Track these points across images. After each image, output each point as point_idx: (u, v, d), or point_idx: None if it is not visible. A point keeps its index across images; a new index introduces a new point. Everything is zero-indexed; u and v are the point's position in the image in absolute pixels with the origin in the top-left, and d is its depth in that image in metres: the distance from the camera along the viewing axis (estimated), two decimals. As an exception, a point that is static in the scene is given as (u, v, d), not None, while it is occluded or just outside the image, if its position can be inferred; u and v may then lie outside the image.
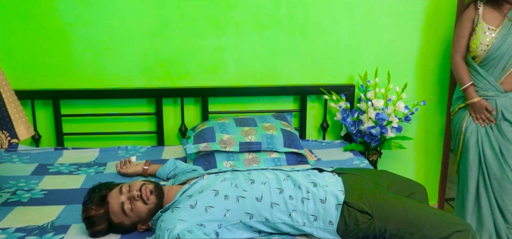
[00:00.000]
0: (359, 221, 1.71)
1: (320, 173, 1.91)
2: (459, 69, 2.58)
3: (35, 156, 2.66)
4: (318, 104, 3.02)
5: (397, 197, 1.81)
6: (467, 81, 2.55)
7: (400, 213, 1.71)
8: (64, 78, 2.81)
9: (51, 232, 1.80)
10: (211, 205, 1.71)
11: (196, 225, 1.64)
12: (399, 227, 1.70)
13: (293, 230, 1.74)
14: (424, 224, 1.69)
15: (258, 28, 2.86)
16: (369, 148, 2.90)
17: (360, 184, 1.85)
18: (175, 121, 2.94)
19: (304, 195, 1.75)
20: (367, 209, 1.72)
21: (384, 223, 1.71)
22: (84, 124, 2.89)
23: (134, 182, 1.84)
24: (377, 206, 1.73)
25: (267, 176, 1.81)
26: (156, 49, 2.82)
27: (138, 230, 1.80)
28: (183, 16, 2.79)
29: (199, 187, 1.79)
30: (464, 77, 2.57)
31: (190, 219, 1.65)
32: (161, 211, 1.78)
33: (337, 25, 2.91)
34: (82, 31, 2.75)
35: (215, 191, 1.74)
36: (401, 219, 1.70)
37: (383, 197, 1.78)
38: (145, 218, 1.78)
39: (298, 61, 2.93)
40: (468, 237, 1.66)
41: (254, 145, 2.50)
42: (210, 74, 2.89)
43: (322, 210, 1.72)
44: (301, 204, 1.73)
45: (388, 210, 1.72)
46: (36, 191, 2.20)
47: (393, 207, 1.73)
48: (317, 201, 1.73)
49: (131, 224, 1.77)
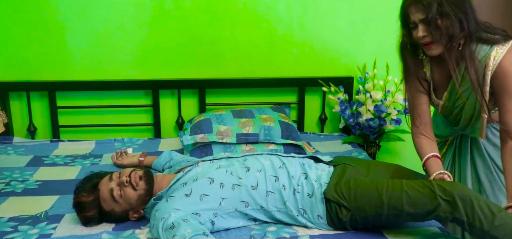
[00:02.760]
0: (340, 214, 1.66)
1: (316, 163, 1.85)
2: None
3: (30, 148, 2.64)
4: (317, 97, 3.00)
5: (372, 181, 1.68)
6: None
7: (373, 198, 1.61)
8: (60, 70, 2.79)
9: (44, 221, 1.78)
10: (206, 193, 1.68)
11: (191, 214, 1.61)
12: (380, 213, 1.60)
13: (288, 219, 1.72)
14: (402, 202, 1.56)
15: (256, 20, 2.83)
16: (368, 140, 2.88)
17: (342, 175, 1.75)
18: (172, 113, 2.91)
19: (295, 187, 1.72)
20: (343, 201, 1.65)
21: (363, 213, 1.62)
22: (80, 116, 2.87)
23: (124, 170, 1.83)
24: (350, 197, 1.64)
25: (262, 163, 1.79)
26: (152, 41, 2.80)
27: (130, 218, 1.77)
28: (180, 7, 2.76)
29: (193, 174, 1.76)
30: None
31: (185, 208, 1.62)
32: (154, 199, 1.75)
33: (335, 16, 2.88)
34: (78, 22, 2.73)
35: (210, 179, 1.71)
36: (377, 204, 1.60)
37: (357, 185, 1.67)
38: (136, 205, 1.76)
39: (297, 53, 2.91)
40: (456, 207, 1.49)
41: (251, 136, 2.48)
42: (207, 66, 2.87)
43: (309, 204, 1.69)
44: (293, 195, 1.71)
45: (361, 197, 1.63)
46: (31, 181, 2.17)
47: (367, 194, 1.62)
48: (305, 195, 1.70)
49: (122, 211, 1.75)
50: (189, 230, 1.49)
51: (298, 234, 1.66)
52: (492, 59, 1.58)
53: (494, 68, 1.58)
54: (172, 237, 1.51)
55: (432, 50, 1.62)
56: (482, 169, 1.82)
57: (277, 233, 1.66)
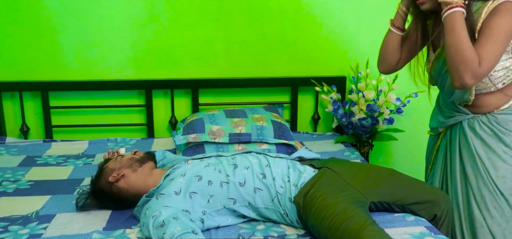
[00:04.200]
0: (301, 222, 1.67)
1: (302, 165, 1.83)
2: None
3: (23, 148, 2.64)
4: (310, 96, 3.00)
5: (334, 207, 1.57)
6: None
7: (322, 227, 1.56)
8: (53, 70, 2.78)
9: (35, 221, 1.78)
10: (195, 191, 1.69)
11: (182, 211, 1.61)
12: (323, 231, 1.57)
13: (276, 217, 1.72)
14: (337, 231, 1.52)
15: (249, 19, 2.83)
16: (361, 140, 2.89)
17: (316, 183, 1.69)
18: (165, 113, 2.92)
19: (278, 190, 1.71)
20: (302, 213, 1.64)
21: (314, 231, 1.62)
22: (73, 116, 2.87)
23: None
24: (309, 212, 1.61)
25: (250, 160, 1.79)
26: (145, 41, 2.80)
27: (109, 179, 1.82)
28: (172, 7, 2.77)
29: (182, 171, 1.78)
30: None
31: (175, 205, 1.63)
32: (146, 196, 1.76)
33: (328, 16, 2.89)
34: (71, 22, 2.73)
35: (199, 177, 1.72)
36: (322, 220, 1.57)
37: (318, 204, 1.60)
38: (124, 165, 1.86)
39: (289, 52, 2.91)
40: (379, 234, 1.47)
41: (244, 136, 2.48)
42: (200, 65, 2.87)
43: (290, 207, 1.69)
44: (276, 196, 1.71)
45: (315, 219, 1.59)
46: (22, 182, 2.17)
47: (319, 218, 1.57)
48: (286, 198, 1.70)
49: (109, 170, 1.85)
50: (178, 228, 1.50)
51: (286, 233, 1.67)
52: (483, 14, 1.61)
53: (487, 12, 1.60)
54: (162, 235, 1.51)
55: (424, 4, 1.68)
56: (469, 163, 1.82)
57: (265, 232, 1.67)
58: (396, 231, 1.66)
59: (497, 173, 1.76)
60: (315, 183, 1.68)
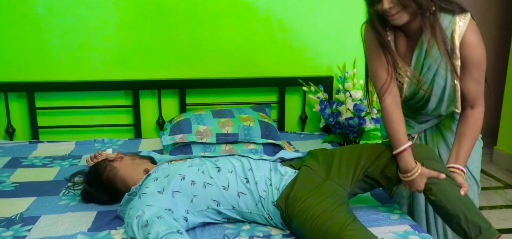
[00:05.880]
0: (285, 225, 1.66)
1: (282, 167, 1.80)
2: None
3: (8, 150, 2.62)
4: (297, 96, 3.01)
5: (316, 207, 1.57)
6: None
7: (301, 213, 1.57)
8: (39, 70, 2.77)
9: (19, 223, 1.76)
10: (178, 190, 1.69)
11: (165, 210, 1.61)
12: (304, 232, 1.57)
13: (262, 220, 1.72)
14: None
15: (236, 19, 2.83)
16: (348, 139, 2.90)
17: (294, 185, 1.67)
18: (152, 113, 2.91)
19: (261, 194, 1.70)
20: (285, 217, 1.63)
21: (295, 231, 1.62)
22: (59, 116, 2.85)
23: None
24: (291, 215, 1.61)
25: (234, 164, 1.78)
26: (132, 41, 2.79)
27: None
28: (159, 7, 2.76)
29: (165, 171, 1.77)
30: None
31: (158, 204, 1.63)
32: (128, 195, 1.77)
33: (315, 16, 2.90)
34: (57, 21, 2.71)
35: (182, 176, 1.72)
36: (304, 222, 1.57)
37: (299, 208, 1.59)
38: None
39: (277, 52, 2.92)
40: None
41: (231, 136, 2.48)
42: (187, 66, 2.86)
43: (273, 210, 1.68)
44: (260, 200, 1.70)
45: (298, 223, 1.59)
46: (7, 183, 2.15)
47: (302, 222, 1.57)
48: (270, 202, 1.68)
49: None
50: (163, 228, 1.50)
51: (272, 233, 1.67)
52: (458, 27, 1.60)
53: (461, 35, 1.60)
54: (147, 234, 1.51)
55: (397, 19, 1.58)
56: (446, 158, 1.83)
57: (251, 232, 1.67)
58: (380, 230, 1.67)
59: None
60: (294, 185, 1.67)
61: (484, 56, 1.65)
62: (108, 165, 1.94)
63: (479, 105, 1.71)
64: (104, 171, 1.92)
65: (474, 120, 1.71)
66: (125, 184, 1.88)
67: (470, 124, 1.71)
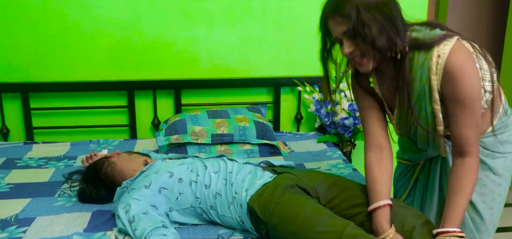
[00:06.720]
0: (259, 226, 1.57)
1: (262, 171, 1.78)
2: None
3: (3, 151, 2.61)
4: (292, 96, 3.02)
5: (295, 202, 1.52)
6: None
7: (288, 224, 1.47)
8: (33, 71, 2.76)
9: (14, 225, 1.76)
10: (165, 187, 1.72)
11: (150, 206, 1.67)
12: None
13: (235, 224, 1.68)
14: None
15: (231, 20, 2.84)
16: (343, 139, 2.91)
17: (272, 187, 1.62)
18: (147, 114, 2.91)
19: (233, 195, 1.68)
20: (261, 216, 1.55)
21: (276, 234, 1.51)
22: (54, 117, 2.84)
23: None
24: (268, 213, 1.54)
25: (219, 164, 1.80)
26: (127, 41, 2.79)
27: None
28: (154, 8, 2.76)
29: (156, 168, 1.81)
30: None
31: (144, 199, 1.69)
32: (120, 188, 1.82)
33: (310, 16, 2.90)
34: (52, 22, 2.70)
35: (170, 173, 1.75)
36: (291, 231, 1.46)
37: (277, 202, 1.53)
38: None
39: (272, 53, 2.92)
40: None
41: (226, 136, 2.49)
42: (182, 66, 2.86)
43: (240, 213, 1.65)
44: (233, 202, 1.67)
45: (277, 218, 1.50)
46: (2, 185, 2.15)
47: (282, 216, 1.50)
48: (239, 205, 1.65)
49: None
50: (149, 224, 1.55)
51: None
52: (435, 61, 1.34)
53: (441, 71, 1.34)
54: (134, 230, 1.57)
55: (364, 66, 1.41)
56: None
57: (245, 232, 1.67)
58: None
59: (485, 205, 1.56)
60: (270, 186, 1.63)
61: (475, 89, 1.34)
62: (106, 161, 1.99)
63: (470, 154, 1.39)
64: (102, 167, 1.96)
65: (464, 171, 1.40)
66: (123, 177, 1.92)
67: (460, 176, 1.40)
